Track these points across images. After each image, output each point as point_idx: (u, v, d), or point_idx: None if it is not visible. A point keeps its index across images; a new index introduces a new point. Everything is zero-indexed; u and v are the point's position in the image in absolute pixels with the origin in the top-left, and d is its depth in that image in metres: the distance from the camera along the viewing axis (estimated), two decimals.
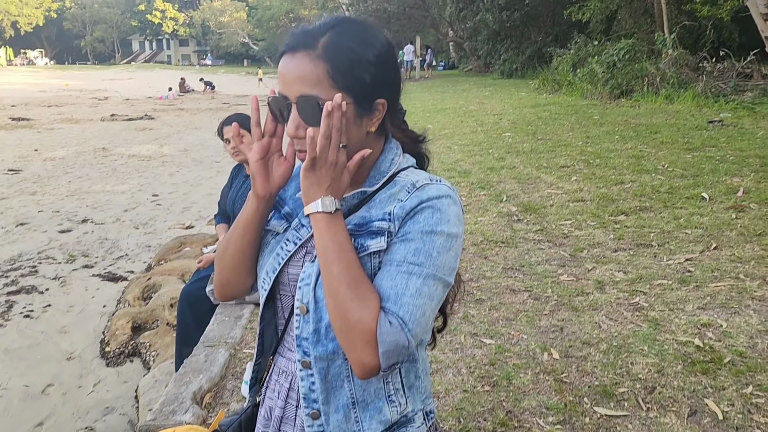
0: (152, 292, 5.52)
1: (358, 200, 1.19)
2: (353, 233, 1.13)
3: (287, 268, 1.22)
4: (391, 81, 1.18)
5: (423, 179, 1.16)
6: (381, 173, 1.20)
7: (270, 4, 68.95)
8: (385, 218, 1.12)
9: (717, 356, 3.08)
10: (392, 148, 1.23)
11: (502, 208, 5.92)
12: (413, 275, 1.07)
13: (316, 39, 1.10)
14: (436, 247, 1.09)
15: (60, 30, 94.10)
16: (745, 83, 12.76)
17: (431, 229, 1.09)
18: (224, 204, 4.08)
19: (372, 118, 1.15)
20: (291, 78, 1.11)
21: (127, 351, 4.60)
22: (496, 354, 3.22)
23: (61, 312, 5.28)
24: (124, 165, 11.95)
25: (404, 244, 1.10)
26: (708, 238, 4.74)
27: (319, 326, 1.14)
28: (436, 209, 1.11)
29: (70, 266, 6.33)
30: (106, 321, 5.09)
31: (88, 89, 36.40)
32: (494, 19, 25.12)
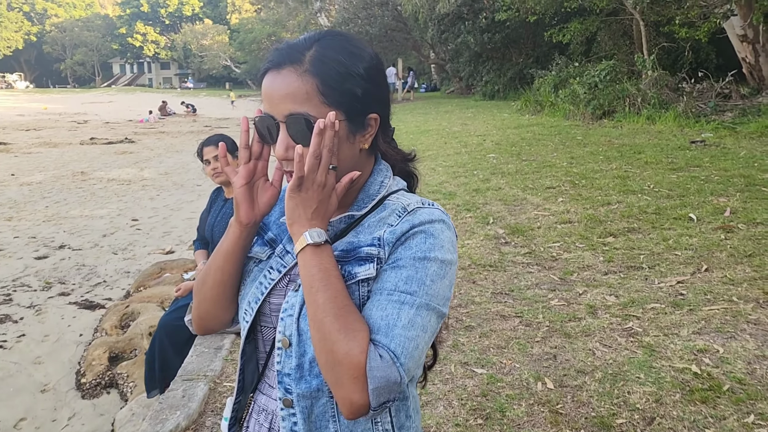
0: (130, 320, 5.40)
1: (346, 225, 1.12)
2: (340, 260, 1.06)
3: (270, 298, 1.15)
4: (382, 94, 1.12)
5: (414, 203, 1.11)
6: (370, 196, 1.14)
7: (252, 27, 69.21)
8: (375, 243, 1.06)
9: (716, 384, 2.98)
10: (382, 170, 1.17)
11: (489, 231, 5.84)
12: (405, 305, 1.00)
13: (302, 53, 1.05)
14: (429, 274, 1.03)
15: (40, 53, 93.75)
16: (724, 103, 12.90)
17: (424, 255, 1.03)
18: (203, 229, 3.96)
19: (365, 134, 1.10)
20: (278, 96, 1.04)
21: (103, 382, 4.48)
22: (488, 384, 3.10)
23: (35, 342, 5.14)
24: (103, 189, 11.80)
25: (395, 271, 1.03)
26: (698, 260, 4.68)
27: (303, 361, 1.05)
28: (429, 234, 1.05)
29: (45, 294, 6.18)
30: (82, 351, 4.96)
31: (68, 113, 36.21)
32: (475, 41, 25.35)
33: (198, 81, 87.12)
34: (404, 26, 32.91)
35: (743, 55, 14.25)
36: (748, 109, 11.92)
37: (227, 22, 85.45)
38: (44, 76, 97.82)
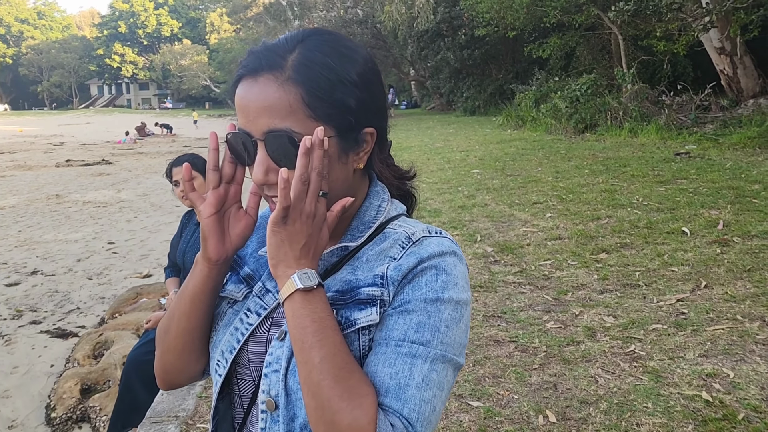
0: (104, 348, 5.19)
1: (338, 258, 0.94)
2: (335, 303, 0.88)
3: (248, 346, 0.96)
4: (378, 104, 0.93)
5: (420, 230, 0.93)
6: (365, 224, 0.96)
7: (231, 47, 69.47)
8: (377, 283, 0.88)
9: (729, 412, 2.79)
10: (378, 192, 0.99)
11: (477, 249, 5.66)
12: (418, 358, 0.83)
13: (284, 57, 0.86)
14: (443, 319, 0.85)
15: (16, 76, 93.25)
16: (704, 115, 13.01)
17: (437, 295, 0.86)
18: (174, 255, 3.73)
19: (359, 151, 0.92)
20: (255, 109, 0.85)
21: (75, 416, 4.29)
22: (485, 419, 2.88)
23: (3, 374, 4.94)
24: (79, 212, 11.58)
25: (404, 316, 0.85)
26: (696, 276, 4.52)
27: (292, 427, 0.87)
28: (441, 270, 0.87)
29: (16, 323, 5.98)
30: (53, 383, 4.75)
31: (44, 135, 36.07)
32: (455, 58, 25.52)
33: (177, 101, 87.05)
34: (384, 44, 33.08)
35: (721, 67, 14.36)
36: (728, 121, 12.02)
37: (206, 42, 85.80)
38: (21, 99, 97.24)
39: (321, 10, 36.39)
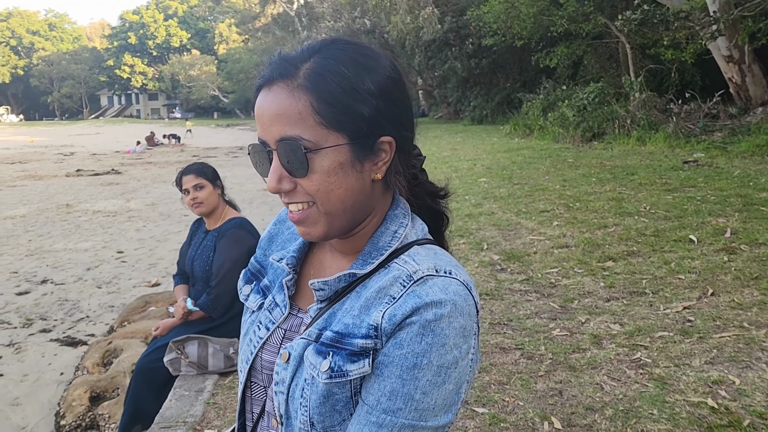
0: (113, 357, 5.19)
1: (346, 284, 0.93)
2: (332, 346, 0.88)
3: (261, 353, 1.01)
4: (399, 115, 0.91)
5: (425, 269, 0.88)
6: (378, 250, 0.93)
7: (239, 57, 69.89)
8: (370, 335, 0.85)
9: (735, 419, 2.78)
10: (397, 216, 0.96)
11: (484, 257, 5.66)
12: (383, 428, 0.83)
13: (297, 66, 0.87)
14: (420, 386, 0.83)
15: (27, 87, 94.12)
16: (713, 123, 12.97)
17: (415, 362, 0.82)
18: (183, 263, 3.76)
19: (376, 161, 0.90)
20: (268, 117, 0.86)
21: (84, 424, 4.26)
22: (490, 425, 2.88)
23: (14, 382, 4.94)
24: (89, 221, 11.61)
25: (379, 381, 0.84)
26: (703, 284, 4.51)
27: None
28: (429, 330, 0.82)
29: (26, 331, 5.99)
30: (62, 391, 4.75)
31: (54, 145, 36.19)
32: (463, 67, 25.58)
33: (186, 111, 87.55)
34: (391, 53, 32.99)
35: (729, 75, 14.33)
36: (737, 129, 11.97)
37: (215, 53, 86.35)
38: (32, 109, 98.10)
39: (329, 21, 36.60)
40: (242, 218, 3.63)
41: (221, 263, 3.41)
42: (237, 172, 17.51)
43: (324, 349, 0.88)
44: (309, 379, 0.88)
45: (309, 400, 0.88)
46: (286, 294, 1.00)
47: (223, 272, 3.40)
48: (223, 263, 3.40)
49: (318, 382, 0.87)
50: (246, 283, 1.09)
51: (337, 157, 0.86)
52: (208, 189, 3.50)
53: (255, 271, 1.10)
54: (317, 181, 0.85)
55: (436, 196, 1.06)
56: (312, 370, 0.88)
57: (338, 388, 0.87)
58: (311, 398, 0.88)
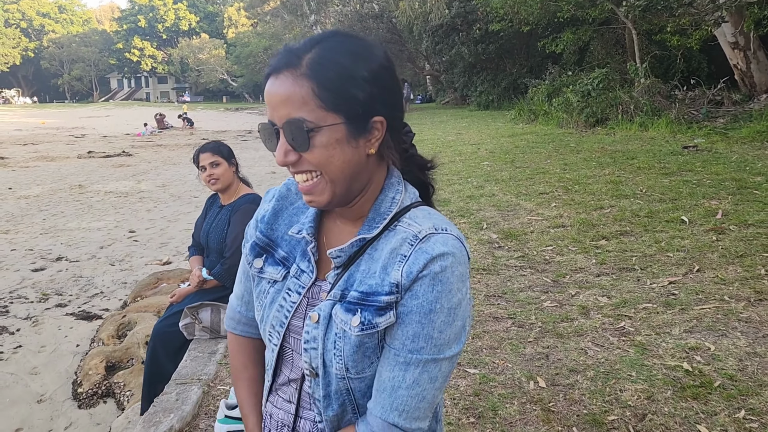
0: (127, 329, 5.35)
1: (358, 248, 1.08)
2: (359, 304, 1.04)
3: (291, 320, 1.15)
4: (389, 98, 1.06)
5: (426, 228, 1.05)
6: (381, 215, 1.09)
7: (248, 41, 69.62)
8: (393, 291, 1.02)
9: (707, 380, 3.01)
10: (393, 185, 1.12)
11: (483, 236, 5.87)
12: (411, 365, 1.02)
13: (300, 57, 1.01)
14: (436, 326, 1.01)
15: (37, 69, 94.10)
16: (716, 110, 13.02)
17: (430, 307, 1.01)
18: (198, 235, 3.98)
19: (370, 138, 1.04)
20: (276, 101, 1.01)
21: (100, 392, 4.42)
22: (480, 384, 3.12)
23: (32, 353, 5.09)
24: (101, 202, 11.75)
25: (402, 328, 1.02)
26: (690, 261, 4.71)
27: (329, 391, 1.10)
28: (437, 281, 1.00)
29: (42, 305, 6.15)
30: (78, 361, 4.91)
31: (65, 127, 36.06)
32: (470, 52, 25.53)
33: (195, 95, 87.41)
34: (399, 38, 33.13)
35: (735, 62, 14.38)
36: (740, 115, 12.03)
37: (224, 37, 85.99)
38: (42, 92, 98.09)
39: (337, 5, 36.52)
40: (255, 194, 3.84)
41: (235, 236, 3.62)
42: (246, 155, 17.63)
43: (352, 307, 1.04)
44: (340, 333, 1.04)
45: (342, 351, 1.04)
46: (312, 260, 1.14)
47: (236, 244, 3.61)
48: (237, 236, 3.61)
49: (350, 335, 1.03)
50: (256, 257, 1.21)
51: (334, 135, 1.00)
52: (224, 166, 3.71)
53: (264, 246, 1.21)
54: (317, 154, 1.00)
55: (424, 168, 1.20)
56: (343, 325, 1.04)
57: (368, 338, 1.03)
58: (344, 349, 1.04)
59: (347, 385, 1.07)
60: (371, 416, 1.05)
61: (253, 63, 64.30)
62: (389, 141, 1.08)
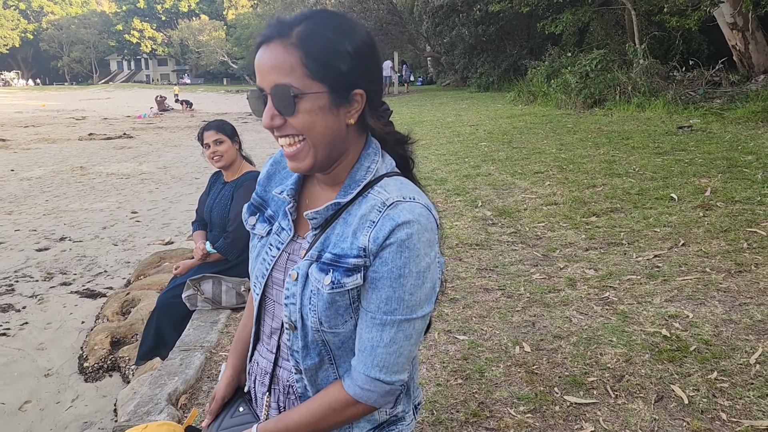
0: (131, 306, 5.46)
1: (333, 212, 1.16)
2: (331, 265, 1.13)
3: (272, 272, 1.26)
4: (370, 73, 1.14)
5: (395, 196, 1.11)
6: (356, 182, 1.16)
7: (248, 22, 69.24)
8: (360, 254, 1.10)
9: (683, 345, 3.17)
10: (369, 155, 1.19)
11: (477, 213, 6.01)
12: (386, 326, 1.11)
13: (291, 28, 1.08)
14: (407, 289, 1.09)
15: (37, 51, 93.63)
16: (714, 91, 13.06)
17: (399, 272, 1.08)
18: (201, 211, 4.11)
19: (350, 109, 1.12)
20: (266, 68, 1.08)
21: (105, 366, 4.54)
22: (469, 349, 3.28)
23: (38, 329, 5.21)
24: (103, 183, 11.82)
25: (376, 292, 1.10)
26: (676, 236, 4.86)
27: (306, 341, 1.19)
28: (404, 247, 1.07)
29: (47, 284, 6.25)
30: (84, 337, 5.03)
31: (66, 109, 35.96)
32: (470, 34, 25.46)
33: (195, 77, 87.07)
34: (399, 20, 32.98)
35: (733, 42, 14.40)
36: (736, 96, 12.08)
37: (224, 18, 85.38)
38: (42, 74, 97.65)
39: None
40: (258, 171, 3.95)
41: (237, 211, 3.74)
42: (247, 137, 17.47)
43: (325, 267, 1.12)
44: (315, 290, 1.13)
45: (317, 307, 1.13)
46: (290, 219, 1.24)
47: (239, 219, 3.72)
48: (240, 211, 3.72)
49: (323, 293, 1.11)
50: (251, 215, 1.33)
51: (318, 102, 1.07)
52: (227, 144, 3.83)
53: (257, 205, 1.33)
54: (301, 119, 1.08)
55: (402, 142, 1.25)
56: (317, 283, 1.12)
57: (339, 296, 1.11)
58: (318, 305, 1.12)
59: (322, 337, 1.18)
60: (356, 372, 1.14)
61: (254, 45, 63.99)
62: (368, 114, 1.15)
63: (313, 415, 1.19)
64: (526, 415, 2.68)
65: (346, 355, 1.20)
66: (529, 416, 2.67)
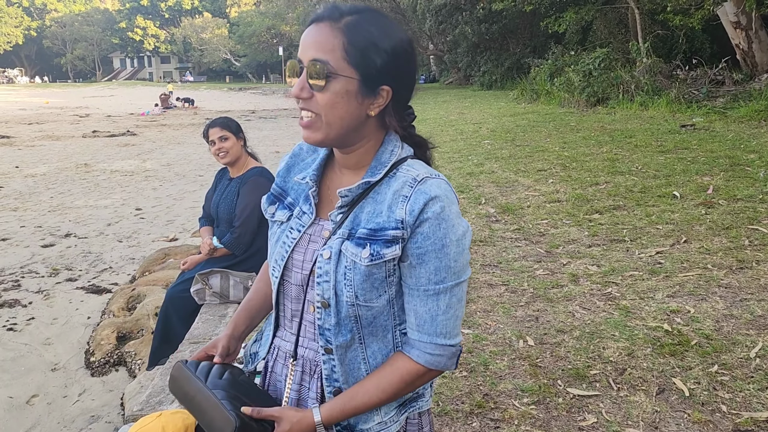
0: (137, 302, 5.48)
1: (363, 190, 1.23)
2: (368, 239, 1.19)
3: (292, 254, 1.31)
4: (401, 75, 1.21)
5: (423, 173, 1.20)
6: (382, 164, 1.23)
7: (251, 20, 69.25)
8: (398, 227, 1.17)
9: (685, 339, 3.21)
10: (392, 140, 1.26)
11: (481, 210, 6.05)
12: (441, 294, 1.19)
13: (342, 15, 1.16)
14: (451, 257, 1.18)
15: (40, 48, 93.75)
16: (717, 89, 13.08)
17: (443, 243, 1.17)
18: (208, 207, 4.15)
19: (374, 102, 1.19)
20: (309, 42, 1.16)
21: (112, 360, 4.57)
22: (473, 342, 3.33)
23: (44, 324, 5.23)
24: (107, 180, 11.84)
25: (423, 266, 1.19)
26: (678, 233, 4.90)
27: (340, 318, 1.24)
28: (441, 219, 1.16)
29: (53, 280, 6.26)
30: (90, 332, 5.05)
31: (69, 107, 35.92)
32: (473, 32, 25.49)
33: (198, 75, 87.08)
34: (402, 17, 32.96)
35: (737, 41, 14.40)
36: (740, 95, 12.10)
37: (227, 16, 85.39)
38: (45, 71, 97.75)
39: None
40: (263, 167, 4.01)
41: (243, 206, 3.80)
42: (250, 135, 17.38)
43: (361, 242, 1.18)
44: (350, 265, 1.19)
45: (353, 281, 1.19)
46: (312, 203, 1.30)
47: (245, 214, 3.80)
48: (245, 207, 3.80)
49: (360, 266, 1.18)
50: (270, 204, 1.40)
51: (347, 86, 1.14)
52: (232, 140, 3.88)
53: (277, 194, 1.40)
54: (328, 98, 1.15)
55: (423, 147, 1.32)
56: (354, 257, 1.18)
57: (376, 269, 1.18)
58: (355, 279, 1.19)
59: (356, 312, 1.23)
60: (420, 343, 1.21)
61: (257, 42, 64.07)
62: (391, 111, 1.23)
63: (383, 390, 1.23)
64: (530, 407, 2.72)
65: (375, 335, 1.26)
66: (533, 408, 2.72)
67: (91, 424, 3.73)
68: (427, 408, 1.38)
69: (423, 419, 1.38)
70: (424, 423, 1.39)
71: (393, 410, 1.31)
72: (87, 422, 3.75)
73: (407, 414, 1.34)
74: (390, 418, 1.30)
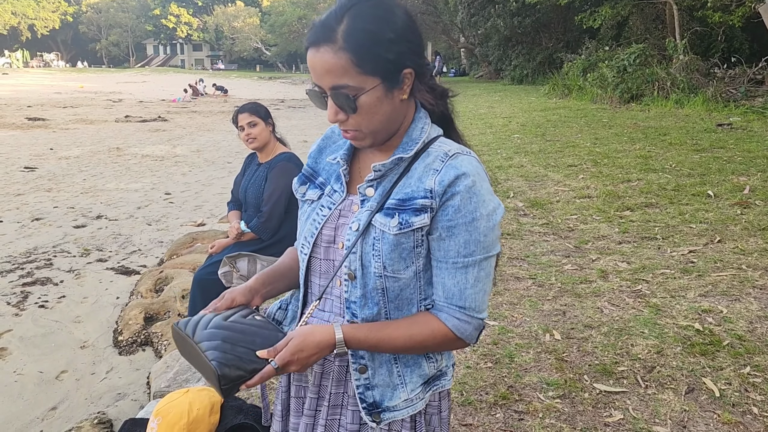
0: (164, 284, 5.55)
1: (394, 165, 1.25)
2: (397, 209, 1.21)
3: (322, 231, 1.32)
4: (414, 50, 1.21)
5: (454, 149, 1.23)
6: (413, 140, 1.25)
7: (283, 10, 69.40)
8: (427, 196, 1.19)
9: (716, 339, 3.14)
10: (422, 117, 1.28)
11: (509, 204, 6.00)
12: (469, 267, 1.20)
13: (334, 30, 1.13)
14: (481, 231, 1.19)
15: (76, 33, 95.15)
16: (756, 89, 12.80)
17: (473, 216, 1.18)
18: (237, 192, 4.18)
19: (402, 87, 1.20)
20: (319, 71, 1.16)
21: (139, 340, 4.63)
22: (499, 334, 3.30)
23: (75, 303, 5.32)
24: (138, 164, 12.00)
25: (453, 239, 1.19)
26: (712, 232, 4.80)
27: (366, 291, 1.25)
28: (472, 194, 1.17)
29: (84, 260, 6.37)
30: (119, 312, 5.13)
31: (103, 92, 36.44)
32: (505, 25, 25.23)
33: (229, 63, 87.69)
34: (434, 9, 32.83)
35: None
36: None
37: (259, 5, 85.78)
38: (80, 56, 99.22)
39: None
40: (291, 153, 4.01)
41: (271, 191, 3.81)
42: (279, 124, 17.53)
43: (390, 212, 1.20)
44: (378, 235, 1.20)
45: (381, 251, 1.20)
46: (343, 181, 1.32)
47: (273, 199, 3.81)
48: (273, 191, 3.81)
49: (388, 235, 1.19)
50: (301, 184, 1.42)
51: (375, 94, 1.16)
52: (261, 126, 3.88)
53: (308, 175, 1.42)
54: (363, 114, 1.17)
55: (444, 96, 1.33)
56: (382, 227, 1.20)
57: (405, 238, 1.19)
58: (383, 249, 1.20)
59: (383, 284, 1.23)
60: (450, 308, 1.22)
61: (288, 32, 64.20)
62: (418, 84, 1.23)
63: (411, 336, 1.23)
64: (555, 401, 2.69)
65: (401, 309, 1.26)
66: (558, 401, 2.69)
67: (118, 402, 3.77)
68: (448, 387, 1.39)
69: (443, 403, 1.39)
70: (443, 407, 1.40)
71: (419, 387, 1.31)
72: (113, 399, 3.80)
73: (431, 392, 1.34)
74: (416, 395, 1.30)
